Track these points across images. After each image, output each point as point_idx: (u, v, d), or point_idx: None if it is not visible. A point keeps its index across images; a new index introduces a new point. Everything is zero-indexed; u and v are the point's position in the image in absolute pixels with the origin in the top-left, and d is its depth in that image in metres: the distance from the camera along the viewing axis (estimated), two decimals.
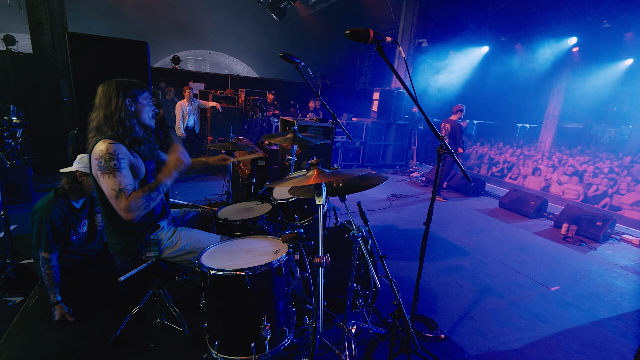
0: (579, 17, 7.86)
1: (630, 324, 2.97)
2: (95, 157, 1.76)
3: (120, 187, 1.74)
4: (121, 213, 1.74)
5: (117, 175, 1.74)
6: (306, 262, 2.17)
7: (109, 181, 1.73)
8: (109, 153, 1.75)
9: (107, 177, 1.74)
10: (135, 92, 1.91)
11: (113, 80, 1.90)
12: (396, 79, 1.75)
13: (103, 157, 1.74)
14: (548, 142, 12.34)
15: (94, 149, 1.79)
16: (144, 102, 1.95)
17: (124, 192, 1.74)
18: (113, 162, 1.75)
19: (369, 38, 1.58)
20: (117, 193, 1.73)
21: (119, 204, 1.73)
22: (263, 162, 3.87)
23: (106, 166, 1.74)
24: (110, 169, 1.74)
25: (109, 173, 1.74)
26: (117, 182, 1.74)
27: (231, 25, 15.53)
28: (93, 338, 2.25)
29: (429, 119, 1.72)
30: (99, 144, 1.78)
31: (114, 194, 1.73)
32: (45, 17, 6.57)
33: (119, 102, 1.84)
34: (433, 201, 1.92)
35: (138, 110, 1.93)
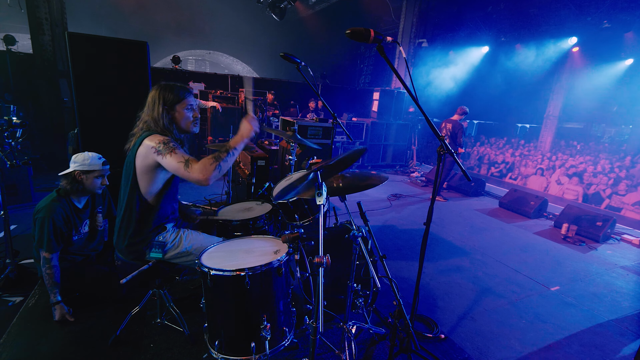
0: (579, 17, 7.86)
1: (630, 324, 2.96)
2: (152, 146, 1.86)
3: (185, 158, 1.83)
4: (196, 177, 1.78)
5: (177, 152, 1.84)
6: (306, 262, 2.17)
7: (174, 157, 1.82)
8: (164, 141, 1.88)
9: (170, 155, 1.83)
10: (174, 100, 2.00)
11: (161, 85, 2.03)
12: (396, 79, 1.75)
13: (161, 142, 1.86)
14: (548, 142, 12.34)
15: (147, 138, 1.90)
16: (182, 110, 2.04)
17: (191, 160, 1.81)
18: (171, 144, 1.87)
19: (370, 38, 1.58)
20: (185, 162, 1.81)
21: (192, 170, 1.78)
22: (263, 162, 3.87)
23: (166, 147, 1.84)
24: (170, 149, 1.84)
25: (170, 152, 1.83)
26: (180, 155, 1.83)
27: (231, 25, 15.52)
28: (93, 338, 2.25)
29: (429, 119, 1.72)
30: (153, 137, 1.90)
31: (182, 165, 1.80)
32: (45, 17, 6.57)
33: (160, 109, 1.97)
34: (433, 201, 1.92)
35: (175, 118, 2.03)
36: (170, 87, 2.02)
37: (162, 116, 1.97)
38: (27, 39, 6.76)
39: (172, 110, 2.01)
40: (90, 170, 2.39)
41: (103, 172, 2.45)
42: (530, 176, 9.06)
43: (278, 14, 10.96)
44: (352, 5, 12.60)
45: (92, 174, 2.40)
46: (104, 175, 2.47)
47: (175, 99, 2.00)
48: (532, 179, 8.89)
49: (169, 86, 2.02)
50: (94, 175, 2.41)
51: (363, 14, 12.88)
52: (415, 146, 9.40)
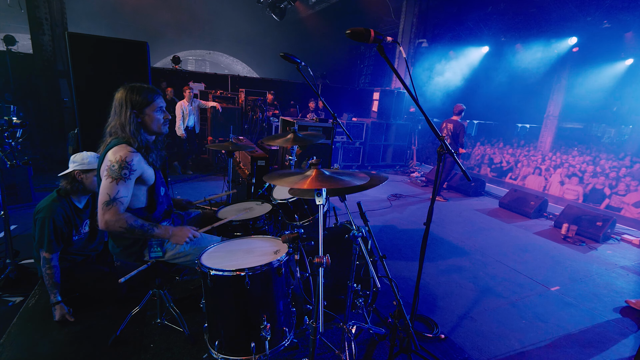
0: (579, 17, 7.86)
1: (630, 324, 2.96)
2: (110, 159, 1.78)
3: (117, 196, 1.76)
4: (100, 219, 1.75)
5: (119, 184, 1.76)
6: (306, 262, 2.17)
7: (110, 186, 1.76)
8: (125, 161, 1.78)
9: (110, 181, 1.76)
10: (142, 103, 1.90)
11: (126, 87, 1.91)
12: (396, 79, 1.75)
13: (118, 162, 1.77)
14: (548, 142, 12.34)
15: (112, 149, 1.81)
16: (151, 113, 1.93)
17: (117, 202, 1.76)
18: (124, 171, 1.78)
19: (370, 38, 1.58)
20: (110, 201, 1.75)
21: (106, 212, 1.74)
22: (263, 162, 3.87)
23: (116, 171, 1.76)
24: (118, 177, 1.76)
25: (115, 179, 1.76)
26: (117, 190, 1.76)
27: (231, 25, 15.52)
28: (93, 338, 2.25)
29: (429, 119, 1.72)
30: (121, 148, 1.80)
31: (107, 200, 1.75)
32: (45, 17, 6.57)
33: (127, 114, 1.87)
34: (433, 201, 1.92)
35: (145, 121, 1.93)
36: (137, 89, 1.91)
37: (130, 121, 1.86)
38: (27, 39, 6.76)
39: (142, 114, 1.91)
40: (90, 169, 2.39)
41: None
42: (530, 176, 9.07)
43: (278, 14, 10.96)
44: (352, 5, 12.60)
45: (91, 172, 2.40)
46: None
47: (144, 102, 1.90)
48: (532, 179, 8.90)
49: (137, 88, 1.91)
50: (94, 174, 2.42)
51: (363, 14, 12.87)
52: (415, 146, 9.40)
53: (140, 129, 1.92)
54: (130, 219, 1.80)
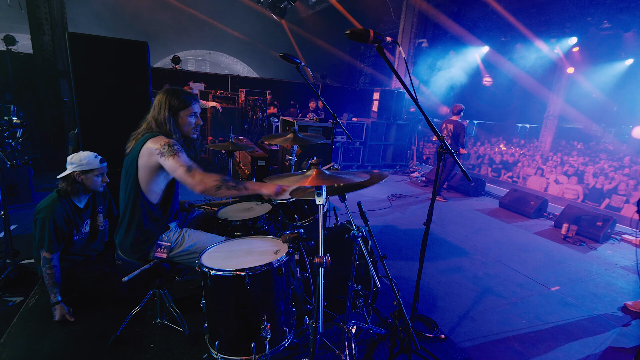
0: (579, 17, 7.85)
1: (630, 324, 2.96)
2: (155, 147, 1.89)
3: (189, 162, 1.88)
4: (194, 184, 1.84)
5: (180, 155, 1.89)
6: (306, 262, 2.17)
7: (176, 160, 1.87)
8: (171, 142, 1.92)
9: (172, 158, 1.87)
10: (179, 106, 2.04)
11: (168, 90, 2.07)
12: (396, 79, 1.74)
13: (165, 144, 1.90)
14: (548, 142, 12.35)
15: (151, 139, 1.93)
16: (185, 117, 2.07)
17: (194, 167, 1.88)
18: (175, 147, 1.91)
19: (369, 38, 1.58)
20: (187, 168, 1.86)
21: (193, 177, 1.84)
22: (263, 162, 3.87)
23: (169, 150, 1.88)
24: (174, 152, 1.89)
25: (173, 154, 1.87)
26: (183, 159, 1.89)
27: (231, 25, 15.52)
28: (93, 338, 2.25)
29: (429, 119, 1.72)
30: (157, 139, 1.93)
31: (184, 169, 1.85)
32: (45, 17, 6.57)
33: (165, 113, 2.01)
34: (433, 201, 1.92)
35: (178, 123, 2.07)
36: (177, 92, 2.06)
37: (168, 120, 2.00)
38: (27, 39, 6.75)
39: (176, 116, 2.04)
40: (89, 169, 2.39)
41: (102, 170, 2.46)
42: (530, 176, 9.07)
43: (278, 14, 10.95)
44: (352, 5, 12.60)
45: (91, 173, 2.40)
46: (103, 173, 2.47)
47: (180, 105, 2.04)
48: (532, 179, 8.90)
49: (177, 92, 2.06)
50: (94, 174, 2.41)
51: (363, 14, 12.88)
52: (415, 146, 9.40)
53: (175, 129, 2.05)
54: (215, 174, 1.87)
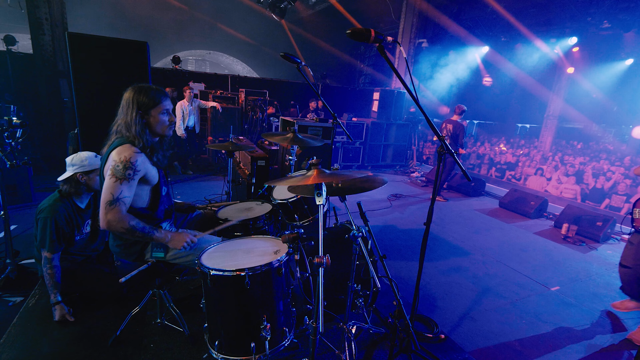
0: (579, 17, 7.85)
1: (630, 324, 2.96)
2: (114, 159, 1.79)
3: (120, 196, 1.77)
4: (101, 218, 1.76)
5: (123, 184, 1.78)
6: (306, 262, 2.17)
7: (114, 185, 1.76)
8: (130, 162, 1.79)
9: (114, 181, 1.77)
10: (149, 104, 1.91)
11: (134, 87, 1.93)
12: (396, 79, 1.75)
13: (122, 163, 1.78)
14: (548, 142, 12.35)
15: (116, 149, 1.83)
16: (157, 115, 1.94)
17: (120, 202, 1.77)
18: (128, 171, 1.79)
19: (370, 38, 1.58)
20: (113, 200, 1.75)
21: (108, 212, 1.75)
22: (263, 162, 3.87)
23: (120, 171, 1.77)
24: (122, 177, 1.77)
25: (119, 179, 1.77)
26: (120, 190, 1.77)
27: (231, 25, 15.52)
28: (93, 338, 2.25)
29: (429, 119, 1.72)
30: (125, 148, 1.82)
31: (110, 199, 1.75)
32: (45, 17, 6.56)
33: (133, 114, 1.88)
34: (433, 201, 1.92)
35: (150, 123, 1.94)
36: (145, 90, 1.91)
37: (136, 121, 1.87)
38: (27, 39, 6.75)
39: (147, 115, 1.91)
40: (91, 169, 2.39)
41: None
42: (531, 176, 9.06)
43: (278, 14, 10.95)
44: (352, 5, 12.60)
45: (93, 173, 2.41)
46: None
47: (150, 103, 1.90)
48: (532, 179, 8.90)
49: (144, 89, 1.92)
50: (96, 174, 2.42)
51: (363, 14, 12.88)
52: (415, 146, 9.40)
53: (145, 129, 1.92)
54: (132, 220, 1.80)
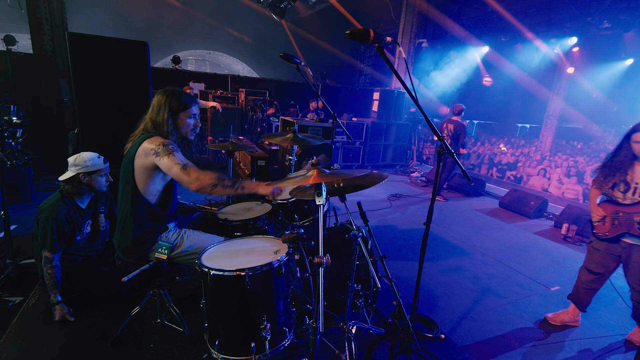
0: (579, 17, 7.85)
1: (630, 324, 2.96)
2: (151, 148, 1.90)
3: (184, 162, 1.89)
4: (189, 182, 1.84)
5: (175, 154, 1.90)
6: (306, 262, 2.17)
7: (171, 159, 1.87)
8: (166, 142, 1.94)
9: (167, 157, 1.87)
10: (179, 108, 2.05)
11: (168, 90, 2.06)
12: (396, 79, 1.75)
13: (160, 144, 1.91)
14: (548, 142, 12.35)
15: (147, 140, 1.94)
16: (184, 119, 2.08)
17: (189, 165, 1.88)
18: (170, 146, 1.92)
19: (369, 38, 1.57)
20: (183, 166, 1.86)
21: (189, 175, 1.84)
22: (263, 162, 3.87)
23: (164, 150, 1.89)
24: (169, 151, 1.89)
25: (168, 154, 1.88)
26: (178, 157, 1.90)
27: (231, 25, 15.53)
28: (93, 338, 2.25)
29: (429, 119, 1.72)
30: (153, 139, 1.94)
31: (179, 167, 1.85)
32: (45, 17, 6.57)
33: (165, 115, 2.01)
34: (433, 201, 1.92)
35: (177, 125, 2.08)
36: (177, 94, 2.06)
37: (167, 122, 2.00)
38: (27, 39, 6.75)
39: (175, 117, 2.05)
40: (94, 170, 2.40)
41: (105, 170, 2.48)
42: (531, 176, 9.06)
43: (278, 14, 10.95)
44: (352, 5, 12.60)
45: (96, 174, 2.41)
46: (106, 173, 2.49)
47: (180, 107, 2.05)
48: (532, 179, 8.89)
49: (176, 93, 2.06)
50: (98, 175, 2.43)
51: (363, 14, 12.88)
52: (415, 146, 9.40)
53: (174, 130, 2.05)
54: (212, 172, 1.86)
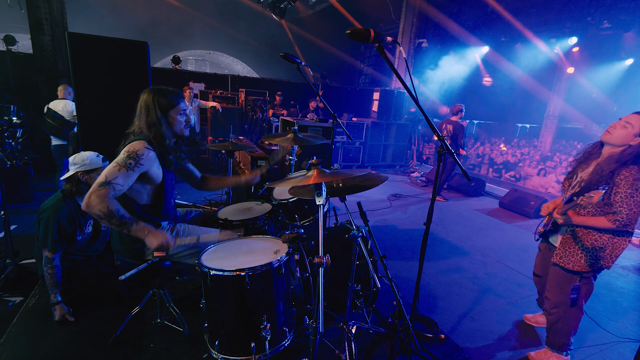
0: (579, 17, 7.85)
1: (630, 323, 2.96)
2: (126, 149, 1.85)
3: (113, 181, 1.77)
4: (86, 196, 1.73)
5: (120, 171, 1.79)
6: (306, 262, 2.17)
7: (112, 169, 1.79)
8: (135, 153, 1.84)
9: (114, 166, 1.81)
10: (167, 106, 2.00)
11: (152, 89, 2.01)
12: (396, 79, 1.76)
13: (129, 152, 1.83)
14: (548, 142, 12.35)
15: (131, 143, 1.89)
16: (175, 115, 2.03)
17: (110, 186, 1.75)
18: (130, 160, 1.82)
19: (370, 38, 1.57)
20: (105, 182, 1.75)
21: (95, 191, 1.73)
22: (263, 162, 3.87)
23: (123, 159, 1.81)
24: (122, 164, 1.80)
25: (119, 165, 1.80)
26: (116, 175, 1.78)
27: (231, 25, 15.53)
28: (93, 338, 2.25)
29: (429, 119, 1.72)
30: (137, 143, 1.88)
31: (102, 181, 1.75)
32: (45, 17, 6.57)
33: (158, 114, 1.96)
34: (433, 201, 1.92)
35: (170, 123, 2.03)
36: (163, 92, 2.00)
37: (160, 121, 1.96)
38: (27, 39, 6.75)
39: (166, 116, 2.01)
40: (92, 169, 2.40)
41: (104, 169, 2.46)
42: (533, 176, 9.06)
43: (278, 14, 10.95)
44: (352, 5, 12.60)
45: (94, 172, 2.41)
46: None
47: (168, 105, 2.00)
48: (532, 179, 8.90)
49: (162, 91, 2.00)
50: (97, 173, 2.42)
51: (363, 14, 12.88)
52: (415, 146, 9.40)
53: (167, 129, 2.01)
54: (114, 205, 1.76)
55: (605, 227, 1.91)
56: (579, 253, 2.04)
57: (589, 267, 2.03)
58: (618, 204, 1.84)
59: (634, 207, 1.81)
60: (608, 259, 1.98)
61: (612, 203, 1.86)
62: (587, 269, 2.04)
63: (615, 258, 1.98)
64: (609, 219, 1.88)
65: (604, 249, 1.97)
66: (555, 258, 2.18)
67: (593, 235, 2.00)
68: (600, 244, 1.98)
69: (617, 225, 1.86)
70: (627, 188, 1.82)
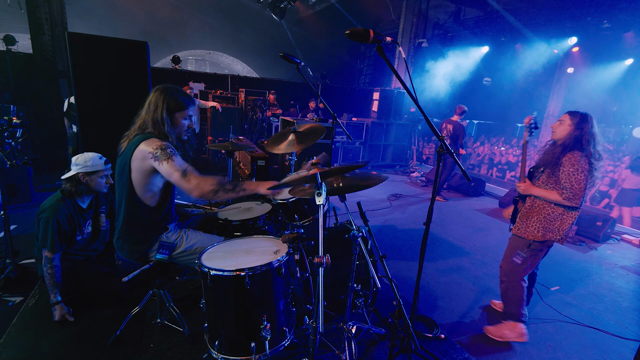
0: (579, 17, 7.86)
1: (630, 323, 2.97)
2: (149, 151, 1.88)
3: (183, 167, 1.87)
4: (189, 189, 1.84)
5: (175, 159, 1.88)
6: (306, 262, 2.17)
7: (170, 164, 1.85)
8: (164, 144, 1.90)
9: (167, 162, 1.86)
10: (176, 108, 2.02)
11: (166, 88, 2.03)
12: (396, 79, 1.75)
13: (158, 148, 1.88)
14: None
15: (144, 142, 1.90)
16: (179, 119, 2.06)
17: (189, 170, 1.87)
18: (168, 150, 1.89)
19: (369, 38, 1.57)
20: (182, 172, 1.85)
21: (188, 181, 1.84)
22: (263, 162, 3.87)
23: (163, 154, 1.87)
24: (167, 155, 1.87)
25: (167, 158, 1.86)
26: (178, 162, 1.88)
27: (231, 25, 15.52)
28: (93, 338, 2.25)
29: (429, 119, 1.72)
30: (150, 141, 1.90)
31: (179, 174, 1.84)
32: (45, 17, 6.57)
33: (164, 114, 1.98)
34: (433, 201, 1.92)
35: (174, 124, 2.06)
36: (175, 92, 2.03)
37: (165, 121, 1.98)
38: (27, 39, 6.76)
39: (171, 117, 2.02)
40: (94, 171, 2.39)
41: (106, 171, 2.47)
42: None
43: (278, 14, 10.95)
44: (352, 5, 12.60)
45: (95, 174, 2.41)
46: (107, 174, 2.48)
47: (177, 107, 2.03)
48: None
49: (174, 91, 2.03)
50: (98, 176, 2.42)
51: (363, 14, 12.88)
52: (415, 146, 9.40)
53: (171, 130, 2.03)
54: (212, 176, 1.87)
55: (555, 200, 2.31)
56: (534, 224, 2.43)
57: (542, 237, 2.39)
58: (564, 180, 2.26)
59: (575, 183, 2.21)
60: (556, 231, 2.37)
61: (560, 180, 2.28)
62: (538, 239, 2.40)
63: (563, 232, 2.36)
64: (559, 193, 2.29)
65: (554, 221, 2.37)
66: (514, 230, 2.57)
67: (547, 209, 2.39)
68: (552, 217, 2.38)
69: (564, 196, 2.26)
70: (569, 167, 2.24)
